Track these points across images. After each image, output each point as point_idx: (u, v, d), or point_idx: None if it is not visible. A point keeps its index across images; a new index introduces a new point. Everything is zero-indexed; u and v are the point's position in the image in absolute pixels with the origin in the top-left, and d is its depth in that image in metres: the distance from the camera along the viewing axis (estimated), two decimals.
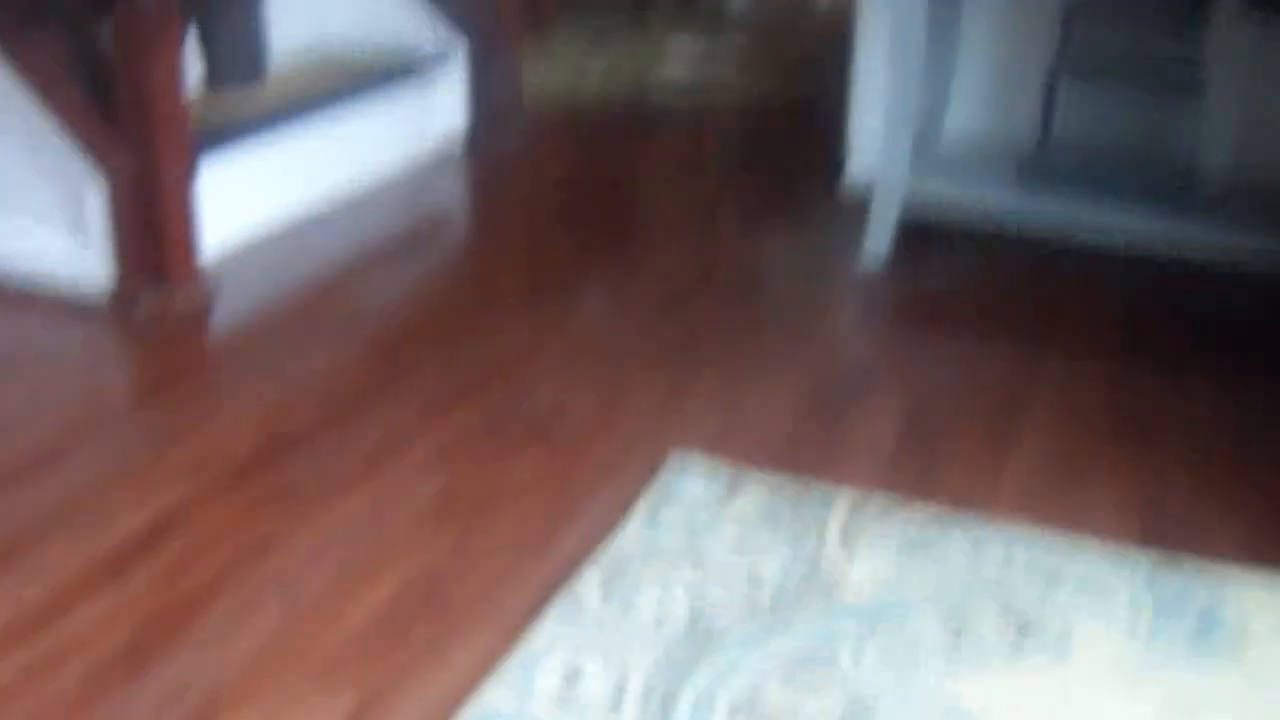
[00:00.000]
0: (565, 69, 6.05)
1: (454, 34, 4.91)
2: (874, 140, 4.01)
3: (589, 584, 2.43)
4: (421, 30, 4.89)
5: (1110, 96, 4.04)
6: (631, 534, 2.58)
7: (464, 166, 4.81)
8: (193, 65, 3.63)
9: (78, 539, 2.57)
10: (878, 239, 3.96)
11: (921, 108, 4.02)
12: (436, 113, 4.89)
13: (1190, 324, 3.71)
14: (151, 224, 3.56)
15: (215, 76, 3.69)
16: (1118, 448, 2.99)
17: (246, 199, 4.05)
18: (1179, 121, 3.97)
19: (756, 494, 2.71)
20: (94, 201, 3.57)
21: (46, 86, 3.54)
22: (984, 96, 4.46)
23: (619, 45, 6.58)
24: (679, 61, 6.15)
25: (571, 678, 2.19)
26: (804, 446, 2.94)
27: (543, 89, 5.66)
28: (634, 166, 5.00)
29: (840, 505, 2.68)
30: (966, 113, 4.48)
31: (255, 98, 4.10)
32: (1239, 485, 2.85)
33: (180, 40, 3.51)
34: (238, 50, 3.70)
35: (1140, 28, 3.94)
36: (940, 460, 2.91)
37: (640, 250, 4.14)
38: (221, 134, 3.92)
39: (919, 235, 4.07)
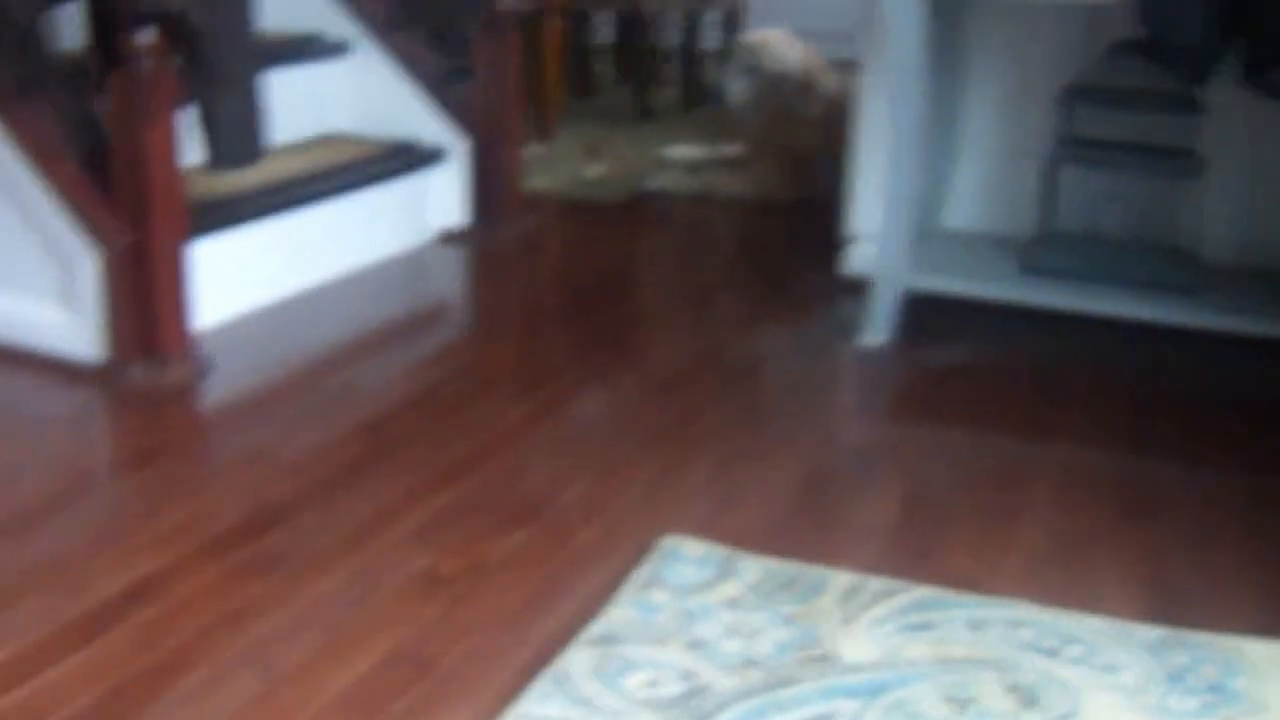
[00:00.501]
0: (566, 165, 6.04)
1: (456, 129, 4.88)
2: (874, 229, 3.96)
3: (577, 661, 2.34)
4: (424, 123, 4.88)
5: (1111, 182, 4.02)
6: (621, 613, 2.49)
7: (463, 256, 4.77)
8: (192, 143, 3.58)
9: (54, 601, 2.51)
10: (877, 329, 3.92)
11: (921, 199, 4.00)
12: (436, 203, 4.87)
13: (1196, 402, 3.66)
14: (145, 297, 3.51)
15: (215, 155, 3.65)
16: (1124, 527, 2.92)
17: (242, 276, 4.01)
18: (1180, 205, 3.94)
19: (750, 576, 2.63)
20: (87, 273, 3.52)
21: (42, 156, 3.50)
22: (984, 186, 4.44)
23: (621, 143, 6.57)
24: (680, 158, 6.11)
25: None
26: (800, 530, 2.86)
27: (544, 184, 5.64)
28: (634, 258, 4.97)
29: (837, 586, 2.59)
30: (967, 203, 4.46)
31: (254, 176, 4.06)
32: (1248, 562, 2.78)
33: (176, 113, 3.47)
34: (237, 130, 3.66)
35: (1138, 113, 3.92)
36: (940, 543, 2.83)
37: (638, 338, 4.08)
38: (219, 210, 3.89)
39: (921, 315, 4.05)
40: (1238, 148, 4.12)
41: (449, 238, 4.89)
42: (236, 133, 3.66)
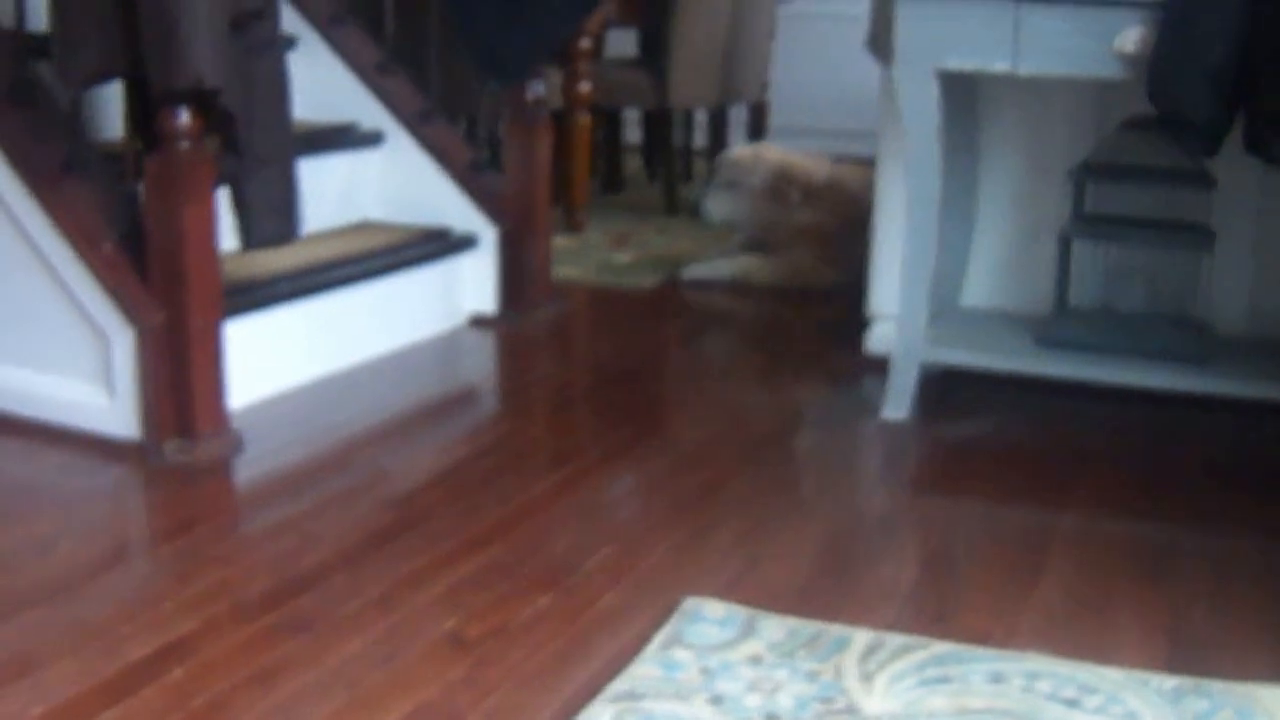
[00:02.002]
0: (595, 255, 6.04)
1: (487, 217, 4.90)
2: (895, 309, 3.97)
3: (599, 718, 2.32)
4: (456, 211, 4.90)
5: (1124, 257, 4.02)
6: (643, 671, 2.47)
7: (493, 340, 4.77)
8: (226, 223, 3.60)
9: (86, 662, 2.49)
10: (898, 404, 3.91)
11: (939, 277, 3.99)
12: (467, 289, 4.88)
13: (1208, 469, 3.65)
14: (179, 376, 3.50)
15: (247, 236, 3.66)
16: (1139, 587, 2.90)
17: (276, 356, 4.02)
18: (1192, 277, 3.94)
19: (772, 635, 2.60)
20: (123, 351, 3.52)
21: (81, 237, 3.51)
22: (1002, 264, 4.43)
23: (648, 234, 6.58)
24: (708, 249, 6.13)
25: None
26: (821, 593, 2.84)
27: (572, 273, 5.64)
28: (662, 342, 4.96)
29: (857, 644, 2.56)
30: (985, 281, 4.45)
31: (288, 258, 4.07)
32: (1264, 616, 2.76)
33: (212, 194, 3.49)
34: (270, 211, 3.67)
35: (1150, 188, 3.92)
36: (959, 603, 2.81)
37: (664, 416, 4.08)
38: (254, 291, 3.90)
39: (942, 391, 4.07)
40: (1247, 219, 4.12)
41: (479, 322, 4.89)
42: (269, 213, 3.66)
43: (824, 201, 5.76)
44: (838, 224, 5.60)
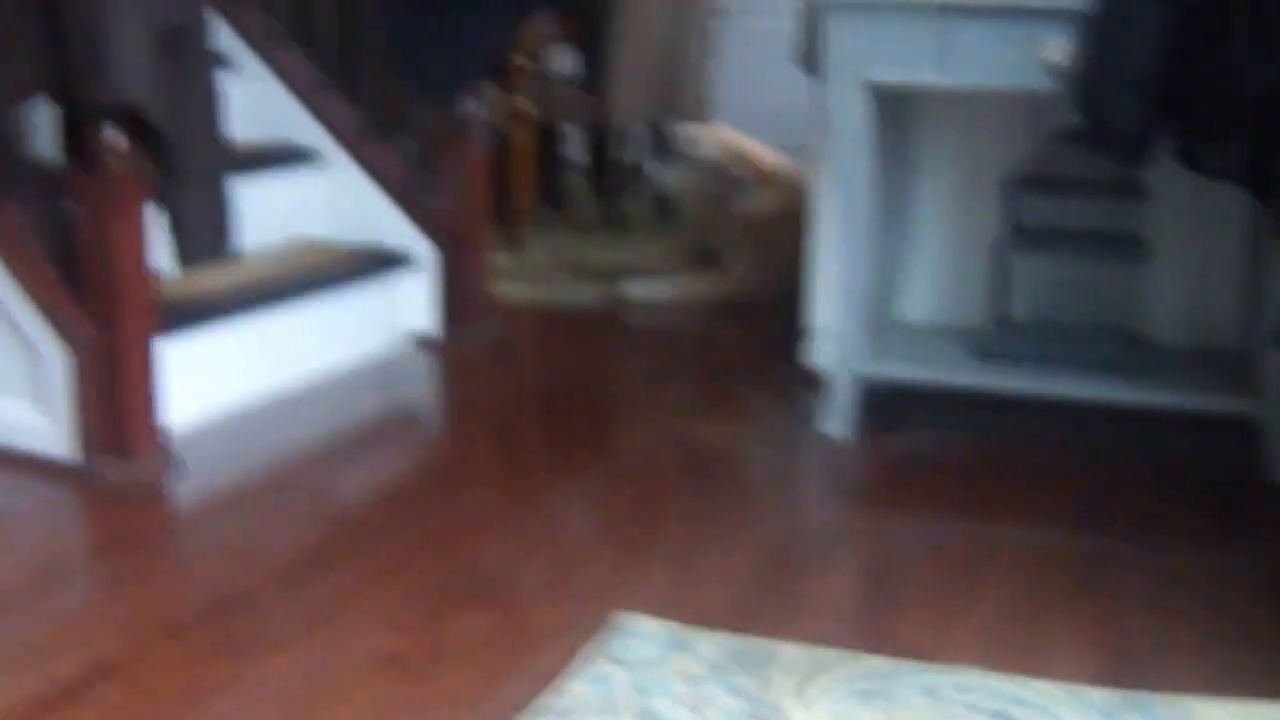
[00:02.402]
0: (536, 272, 6.03)
1: (425, 235, 4.88)
2: (833, 323, 3.96)
3: None
4: (394, 230, 4.87)
5: (1060, 269, 4.03)
6: (574, 688, 2.44)
7: (432, 359, 4.74)
8: (162, 242, 3.57)
9: (17, 681, 2.46)
10: (836, 419, 3.89)
11: (876, 291, 3.99)
12: (406, 308, 4.84)
13: (1147, 480, 3.65)
14: (114, 395, 3.47)
15: (180, 253, 3.63)
16: (1077, 600, 2.89)
17: (214, 376, 3.98)
18: (1129, 288, 3.95)
19: (705, 651, 2.58)
20: (57, 371, 3.48)
21: (13, 255, 3.48)
22: (940, 278, 4.43)
23: (590, 251, 6.57)
24: (649, 262, 6.12)
25: None
26: (756, 608, 2.82)
27: (513, 291, 5.62)
28: (602, 360, 4.93)
29: (791, 659, 2.54)
30: (924, 294, 4.45)
31: (226, 278, 4.05)
32: (1200, 629, 2.76)
33: (144, 211, 3.46)
34: (203, 229, 3.64)
35: (1083, 199, 3.93)
36: (895, 618, 2.79)
37: (604, 433, 4.05)
38: (190, 310, 3.86)
39: (882, 405, 4.03)
40: (1185, 230, 4.13)
41: (419, 341, 4.86)
42: (203, 232, 3.63)
43: (773, 189, 5.76)
44: (786, 214, 5.59)
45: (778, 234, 5.60)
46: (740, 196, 5.79)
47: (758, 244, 5.70)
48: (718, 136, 5.97)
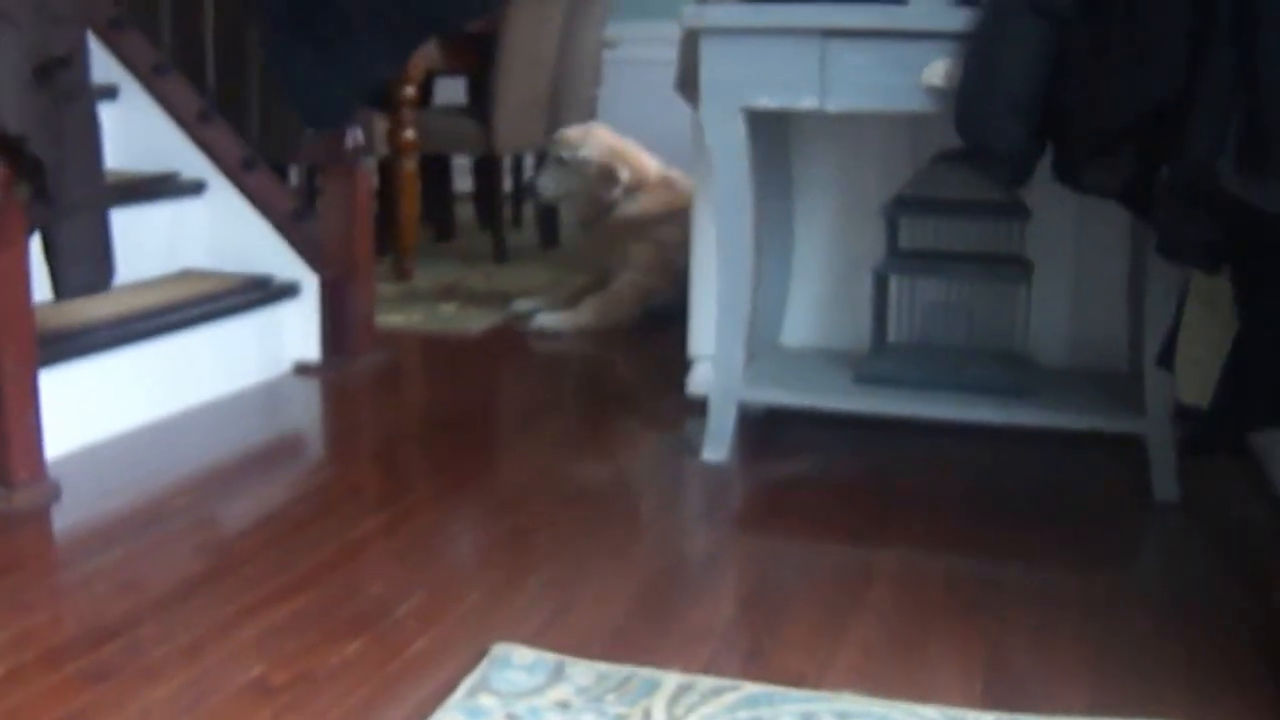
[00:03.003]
0: (422, 302, 6.02)
1: (309, 265, 4.87)
2: (712, 348, 3.98)
3: None
4: (278, 260, 4.86)
5: (941, 291, 4.05)
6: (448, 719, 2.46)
7: (315, 388, 4.71)
8: (42, 272, 3.55)
9: None
10: (717, 445, 3.88)
11: (757, 316, 3.98)
12: (290, 337, 4.82)
13: (1028, 501, 3.68)
14: None
15: (60, 284, 3.61)
16: (958, 622, 2.87)
17: (96, 404, 3.93)
18: (1010, 309, 3.97)
19: (581, 680, 2.55)
20: None
21: None
22: (822, 302, 4.43)
23: (477, 281, 6.58)
24: (537, 291, 6.14)
25: None
26: (633, 635, 2.79)
27: (399, 321, 5.62)
28: (486, 388, 4.92)
29: (667, 687, 2.50)
30: (806, 319, 4.44)
31: (107, 307, 4.02)
32: (1083, 650, 2.75)
33: (24, 240, 3.44)
34: (83, 259, 3.61)
35: (962, 220, 3.94)
36: (774, 642, 2.76)
37: (484, 461, 4.01)
38: (71, 340, 3.84)
39: (765, 431, 4.09)
40: (1065, 250, 4.16)
41: (303, 370, 4.84)
42: (81, 262, 3.60)
43: (659, 190, 5.80)
44: (674, 213, 5.64)
45: (666, 234, 5.65)
46: (625, 200, 5.82)
47: (645, 246, 5.73)
48: (598, 137, 5.99)
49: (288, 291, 4.78)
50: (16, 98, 3.19)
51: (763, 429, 4.10)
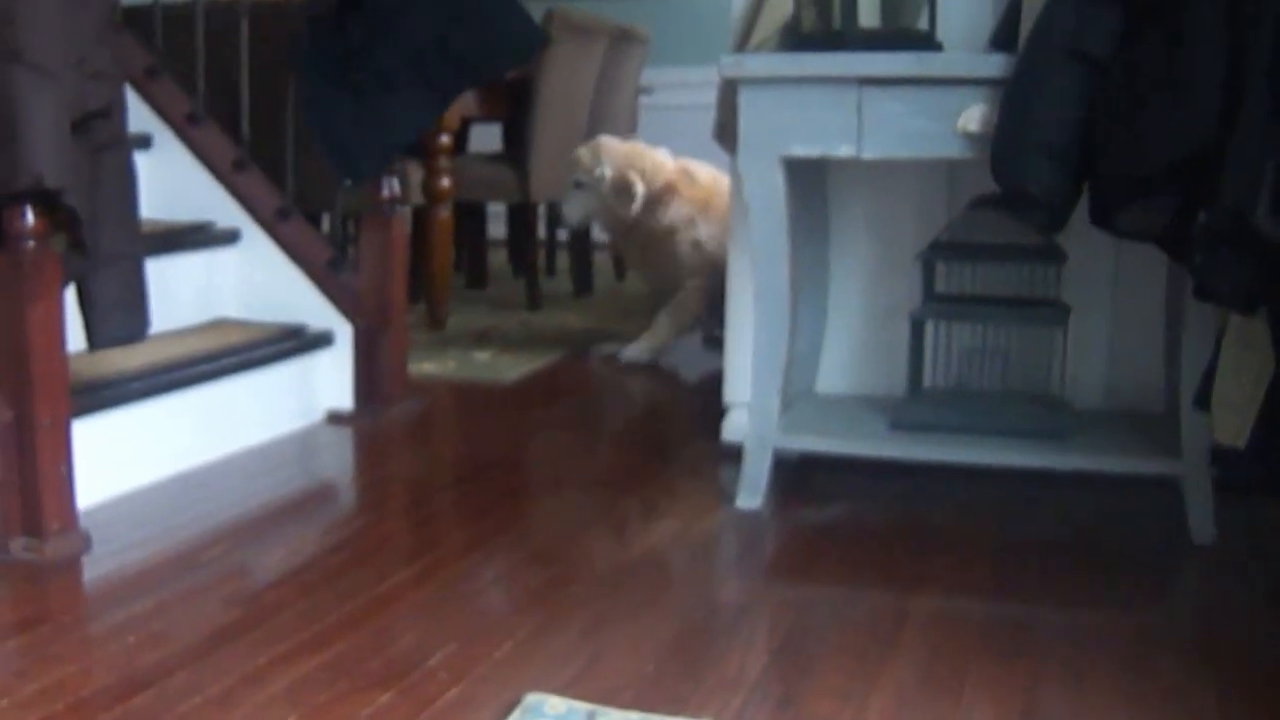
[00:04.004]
0: (455, 351, 6.04)
1: (343, 315, 4.89)
2: (748, 396, 3.97)
3: None
4: (312, 309, 4.88)
5: (977, 336, 4.05)
6: None
7: (349, 437, 4.73)
8: (76, 322, 3.57)
9: None
10: (752, 493, 3.88)
11: (793, 363, 3.98)
12: (324, 386, 4.84)
13: (1063, 544, 3.68)
14: (27, 474, 3.43)
15: (95, 335, 3.63)
16: (993, 667, 2.86)
17: (129, 454, 3.95)
18: (1047, 353, 3.96)
19: None
20: None
21: None
22: (858, 348, 4.43)
23: (511, 329, 6.60)
24: (571, 340, 6.16)
25: None
26: (666, 685, 2.77)
27: (432, 370, 5.64)
28: (519, 438, 4.91)
29: None
30: (842, 366, 4.45)
31: (141, 357, 4.04)
32: (1118, 693, 2.75)
33: (59, 292, 3.46)
34: (118, 309, 3.63)
35: (999, 265, 3.94)
36: (807, 690, 2.75)
37: (516, 511, 4.01)
38: (105, 390, 3.85)
39: (800, 477, 4.10)
40: (1102, 293, 4.16)
41: (336, 419, 4.86)
42: (116, 312, 3.62)
43: (682, 191, 5.81)
44: (699, 214, 5.66)
45: (701, 233, 5.67)
46: (652, 205, 5.83)
47: (689, 250, 5.76)
48: (608, 151, 6.00)
49: (321, 341, 4.79)
50: (56, 152, 3.21)
51: (798, 475, 4.09)
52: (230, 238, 4.90)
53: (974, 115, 3.48)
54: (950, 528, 3.80)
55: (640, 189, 5.85)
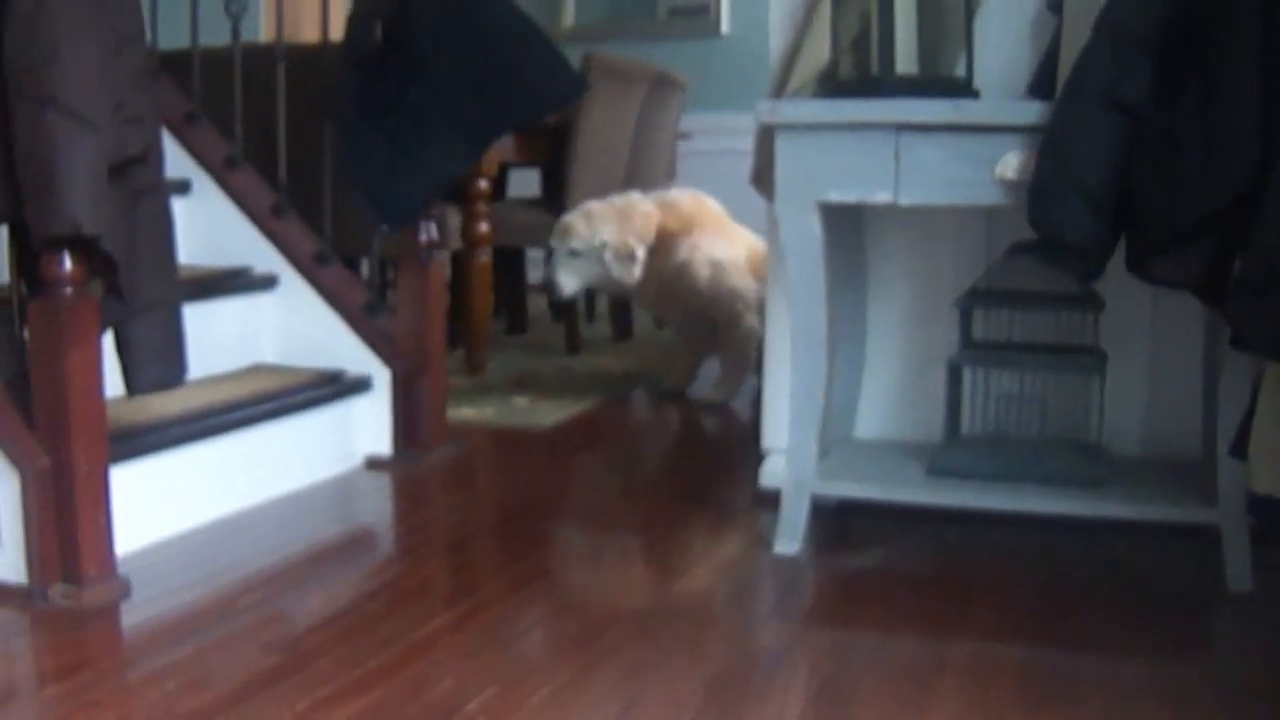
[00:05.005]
0: (494, 396, 6.07)
1: (381, 360, 4.93)
2: (785, 442, 3.99)
3: None
4: (350, 354, 4.91)
5: (1014, 383, 4.06)
6: None
7: (387, 484, 4.76)
8: (114, 367, 3.61)
9: None
10: (789, 538, 3.90)
11: (830, 410, 4.01)
12: (362, 431, 4.88)
13: (1102, 591, 3.67)
14: (65, 520, 3.46)
15: (132, 381, 3.67)
16: (1030, 713, 2.87)
17: (167, 500, 3.98)
18: (1085, 400, 3.98)
19: None
20: (7, 495, 3.48)
21: None
22: (895, 395, 4.45)
23: (549, 374, 6.62)
24: (609, 384, 6.19)
25: None
26: None
27: (470, 415, 5.66)
28: (557, 484, 4.92)
29: None
30: (879, 412, 4.47)
31: (178, 402, 4.08)
32: None
33: (97, 338, 3.50)
34: (155, 355, 3.67)
35: (1036, 312, 3.97)
36: None
37: (554, 557, 4.04)
38: (142, 436, 3.89)
39: (837, 523, 4.11)
40: (1140, 340, 4.17)
41: (375, 464, 4.89)
42: (154, 358, 3.66)
43: (677, 229, 5.85)
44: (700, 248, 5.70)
45: (716, 271, 5.72)
46: (656, 258, 5.86)
47: (719, 290, 5.81)
48: (599, 216, 6.01)
49: (360, 386, 4.83)
50: (93, 198, 3.25)
51: (835, 521, 4.11)
52: (268, 283, 4.93)
53: (1011, 162, 3.50)
54: (988, 574, 3.80)
55: (641, 252, 5.86)
